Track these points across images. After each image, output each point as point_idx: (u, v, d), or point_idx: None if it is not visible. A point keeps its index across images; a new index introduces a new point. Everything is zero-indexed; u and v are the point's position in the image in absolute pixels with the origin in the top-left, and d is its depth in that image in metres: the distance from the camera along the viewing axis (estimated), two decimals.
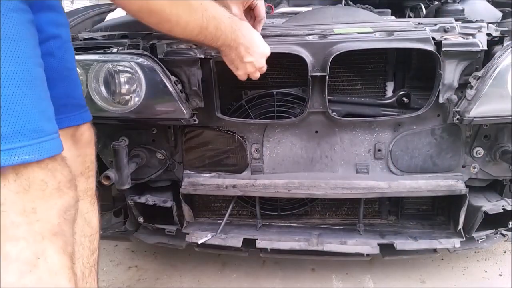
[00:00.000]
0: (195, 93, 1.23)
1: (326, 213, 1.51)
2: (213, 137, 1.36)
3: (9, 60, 0.63)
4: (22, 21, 0.66)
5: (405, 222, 1.47)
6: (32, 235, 0.67)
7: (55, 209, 0.71)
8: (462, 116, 1.16)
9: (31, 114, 0.66)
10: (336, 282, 1.60)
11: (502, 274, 1.64)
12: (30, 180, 0.66)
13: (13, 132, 0.63)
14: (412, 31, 1.18)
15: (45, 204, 0.69)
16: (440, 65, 1.14)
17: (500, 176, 1.33)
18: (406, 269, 1.67)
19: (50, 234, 0.69)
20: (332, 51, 1.14)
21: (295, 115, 1.35)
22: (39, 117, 0.68)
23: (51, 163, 0.70)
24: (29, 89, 0.66)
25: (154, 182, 1.44)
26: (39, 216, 0.68)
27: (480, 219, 1.28)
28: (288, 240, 1.36)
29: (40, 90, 0.70)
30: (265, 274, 1.67)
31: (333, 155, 1.34)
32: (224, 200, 1.51)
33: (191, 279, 1.66)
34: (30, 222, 0.67)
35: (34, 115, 0.67)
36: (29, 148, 0.65)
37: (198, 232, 1.42)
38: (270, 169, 1.37)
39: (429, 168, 1.32)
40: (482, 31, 1.16)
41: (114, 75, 1.17)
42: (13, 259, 0.65)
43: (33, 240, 0.67)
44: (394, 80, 1.36)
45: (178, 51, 1.19)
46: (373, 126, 1.32)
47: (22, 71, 0.65)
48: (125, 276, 1.70)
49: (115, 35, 1.34)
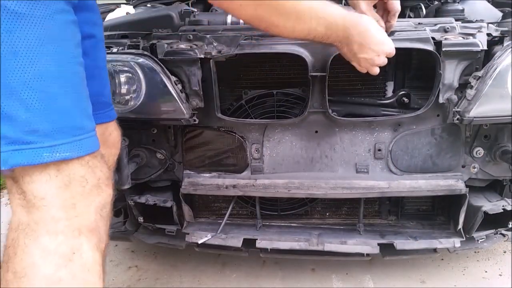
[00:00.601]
0: (195, 93, 1.23)
1: (326, 213, 1.51)
2: (213, 137, 1.36)
3: (54, 60, 0.65)
4: (67, 22, 0.69)
5: (405, 222, 1.47)
6: (70, 230, 0.69)
7: (93, 205, 0.73)
8: (462, 116, 1.16)
9: (72, 112, 0.69)
10: (336, 282, 1.60)
11: (502, 274, 1.63)
12: (71, 176, 0.69)
13: (55, 129, 0.66)
14: (412, 31, 1.18)
15: (85, 200, 0.71)
16: (440, 65, 1.14)
17: (500, 176, 1.33)
18: (406, 269, 1.67)
19: (87, 230, 0.72)
20: (332, 51, 1.14)
21: (295, 115, 1.35)
22: (80, 114, 0.71)
23: (91, 160, 0.73)
24: (71, 88, 0.69)
25: (154, 182, 1.44)
26: (78, 211, 0.70)
27: (480, 219, 1.28)
28: (288, 240, 1.36)
29: (81, 88, 0.73)
30: (265, 274, 1.67)
31: (333, 155, 1.34)
32: (224, 200, 1.51)
33: (191, 279, 1.66)
34: (69, 217, 0.69)
35: (75, 112, 0.70)
36: (70, 145, 0.67)
37: (198, 232, 1.42)
38: (270, 169, 1.37)
39: (429, 168, 1.32)
40: (482, 31, 1.16)
41: (114, 75, 1.17)
42: (51, 252, 0.68)
43: (71, 235, 0.69)
44: (394, 80, 1.36)
45: (178, 51, 1.19)
46: (373, 126, 1.32)
47: (65, 71, 0.68)
48: (125, 276, 1.70)
49: (115, 35, 1.34)
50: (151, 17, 1.46)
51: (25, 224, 0.69)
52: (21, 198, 0.69)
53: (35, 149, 0.64)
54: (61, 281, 0.67)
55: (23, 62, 0.62)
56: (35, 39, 0.63)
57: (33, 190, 0.67)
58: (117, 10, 1.76)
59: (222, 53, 1.19)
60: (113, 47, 1.22)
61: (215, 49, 1.20)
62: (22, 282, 0.66)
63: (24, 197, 0.68)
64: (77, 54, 0.72)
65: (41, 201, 0.67)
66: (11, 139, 0.63)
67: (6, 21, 0.60)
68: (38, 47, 0.63)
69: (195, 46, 1.19)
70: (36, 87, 0.63)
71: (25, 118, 0.63)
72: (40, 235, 0.67)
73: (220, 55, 1.18)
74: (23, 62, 0.62)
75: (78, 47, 0.72)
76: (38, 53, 0.63)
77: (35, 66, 0.63)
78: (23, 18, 0.62)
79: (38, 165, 0.65)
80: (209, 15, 1.50)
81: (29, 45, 0.63)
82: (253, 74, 1.37)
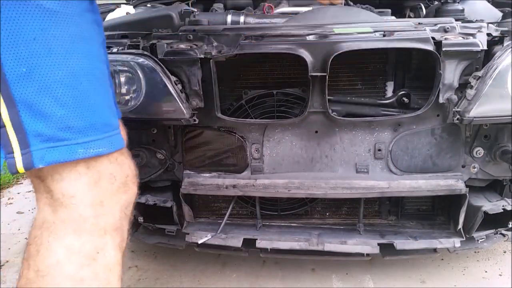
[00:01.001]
0: (195, 93, 1.23)
1: (326, 213, 1.51)
2: (213, 137, 1.36)
3: (85, 58, 0.66)
4: (92, 21, 0.70)
5: (405, 222, 1.47)
6: (96, 229, 0.69)
7: (119, 204, 0.73)
8: (462, 116, 1.16)
9: (102, 108, 0.70)
10: (336, 282, 1.60)
11: (502, 274, 1.63)
12: (100, 173, 0.69)
13: (88, 126, 0.66)
14: (412, 31, 1.18)
15: (112, 198, 0.71)
16: (440, 65, 1.14)
17: (500, 176, 1.33)
18: (406, 269, 1.67)
19: (112, 229, 0.72)
20: (332, 51, 1.14)
21: (295, 115, 1.35)
22: (108, 111, 0.71)
23: (120, 156, 0.73)
24: (100, 85, 0.70)
25: (154, 182, 1.44)
26: (106, 210, 0.70)
27: (480, 219, 1.28)
28: (288, 240, 1.36)
29: (108, 86, 0.73)
30: (265, 274, 1.67)
31: (333, 155, 1.34)
32: (224, 200, 1.51)
33: (191, 279, 1.66)
34: (96, 216, 0.69)
35: (105, 109, 0.70)
36: (103, 141, 0.68)
37: (198, 232, 1.42)
38: (270, 169, 1.37)
39: (429, 168, 1.32)
40: (482, 31, 1.16)
41: (114, 75, 1.17)
42: (75, 251, 0.67)
43: (97, 234, 0.69)
44: (394, 80, 1.36)
45: (178, 51, 1.19)
46: (373, 126, 1.32)
47: (95, 68, 0.68)
48: (125, 276, 1.69)
49: (115, 35, 1.34)
50: (151, 17, 1.46)
51: (50, 222, 0.68)
52: (48, 197, 0.68)
53: (70, 146, 0.64)
54: (83, 281, 0.67)
55: (57, 60, 0.62)
56: (68, 36, 0.63)
57: (62, 188, 0.67)
58: (117, 10, 1.76)
59: (222, 53, 1.19)
60: (113, 47, 1.22)
61: (215, 49, 1.20)
62: (45, 280, 0.65)
63: (52, 195, 0.68)
64: (102, 53, 0.72)
65: (69, 199, 0.67)
66: (46, 136, 0.63)
67: (40, 18, 0.60)
68: (70, 44, 0.64)
69: (195, 46, 1.19)
70: (70, 84, 0.64)
71: (59, 115, 0.63)
72: (66, 234, 0.67)
73: (220, 55, 1.18)
74: (57, 60, 0.62)
75: (103, 46, 0.73)
76: (71, 51, 0.64)
77: (68, 63, 0.63)
78: (56, 16, 0.62)
79: (68, 163, 0.65)
80: (209, 15, 1.50)
81: (63, 43, 0.63)
82: (253, 74, 1.37)
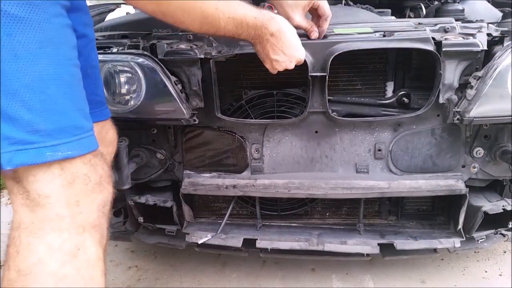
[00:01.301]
0: (195, 93, 1.23)
1: (326, 213, 1.51)
2: (213, 137, 1.36)
3: (53, 62, 0.68)
4: (62, 25, 0.71)
5: (405, 222, 1.47)
6: (74, 227, 0.72)
7: (95, 203, 0.75)
8: (462, 116, 1.16)
9: (72, 112, 0.71)
10: (336, 282, 1.60)
11: (502, 274, 1.63)
12: (74, 175, 0.71)
13: (56, 129, 0.68)
14: (412, 31, 1.18)
15: (88, 197, 0.74)
16: (440, 65, 1.14)
17: (500, 176, 1.33)
18: (406, 269, 1.67)
19: (90, 227, 0.74)
20: (332, 51, 1.14)
21: (295, 115, 1.35)
22: (78, 114, 0.73)
23: (93, 158, 0.75)
24: (69, 89, 0.71)
25: (154, 182, 1.44)
26: (82, 209, 0.73)
27: (480, 219, 1.28)
28: (288, 240, 1.36)
29: (78, 89, 0.75)
30: (265, 274, 1.67)
31: (333, 155, 1.34)
32: (224, 200, 1.51)
33: (191, 279, 1.66)
34: (73, 215, 0.71)
35: (75, 113, 0.72)
36: (71, 144, 0.70)
37: (198, 232, 1.42)
38: (270, 169, 1.37)
39: (429, 168, 1.32)
40: (482, 31, 1.16)
41: (114, 75, 1.18)
42: (56, 248, 0.69)
43: (75, 232, 0.72)
44: (394, 80, 1.36)
45: (178, 51, 1.19)
46: (373, 126, 1.32)
47: (64, 72, 0.70)
48: (125, 276, 1.70)
49: (115, 35, 1.34)
50: (151, 17, 1.46)
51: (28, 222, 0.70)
52: (24, 198, 0.70)
53: (38, 149, 0.66)
54: (66, 277, 0.69)
55: (23, 65, 0.64)
56: (35, 42, 0.65)
57: (37, 189, 0.69)
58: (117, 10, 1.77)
59: (222, 53, 1.19)
60: (113, 47, 1.22)
61: (215, 49, 1.20)
62: (27, 279, 0.67)
63: (28, 196, 0.69)
64: (73, 56, 0.74)
65: (45, 200, 0.69)
66: (14, 139, 0.65)
67: (6, 24, 0.62)
68: (37, 49, 0.65)
69: (195, 46, 1.19)
70: (37, 88, 0.65)
71: (27, 119, 0.65)
72: (45, 233, 0.69)
73: (220, 55, 1.18)
74: (24, 65, 0.64)
75: (74, 49, 0.74)
76: (38, 56, 0.65)
77: (35, 68, 0.65)
78: (22, 22, 0.63)
79: (42, 165, 0.67)
80: None
81: (29, 48, 0.64)
82: (253, 74, 1.37)
